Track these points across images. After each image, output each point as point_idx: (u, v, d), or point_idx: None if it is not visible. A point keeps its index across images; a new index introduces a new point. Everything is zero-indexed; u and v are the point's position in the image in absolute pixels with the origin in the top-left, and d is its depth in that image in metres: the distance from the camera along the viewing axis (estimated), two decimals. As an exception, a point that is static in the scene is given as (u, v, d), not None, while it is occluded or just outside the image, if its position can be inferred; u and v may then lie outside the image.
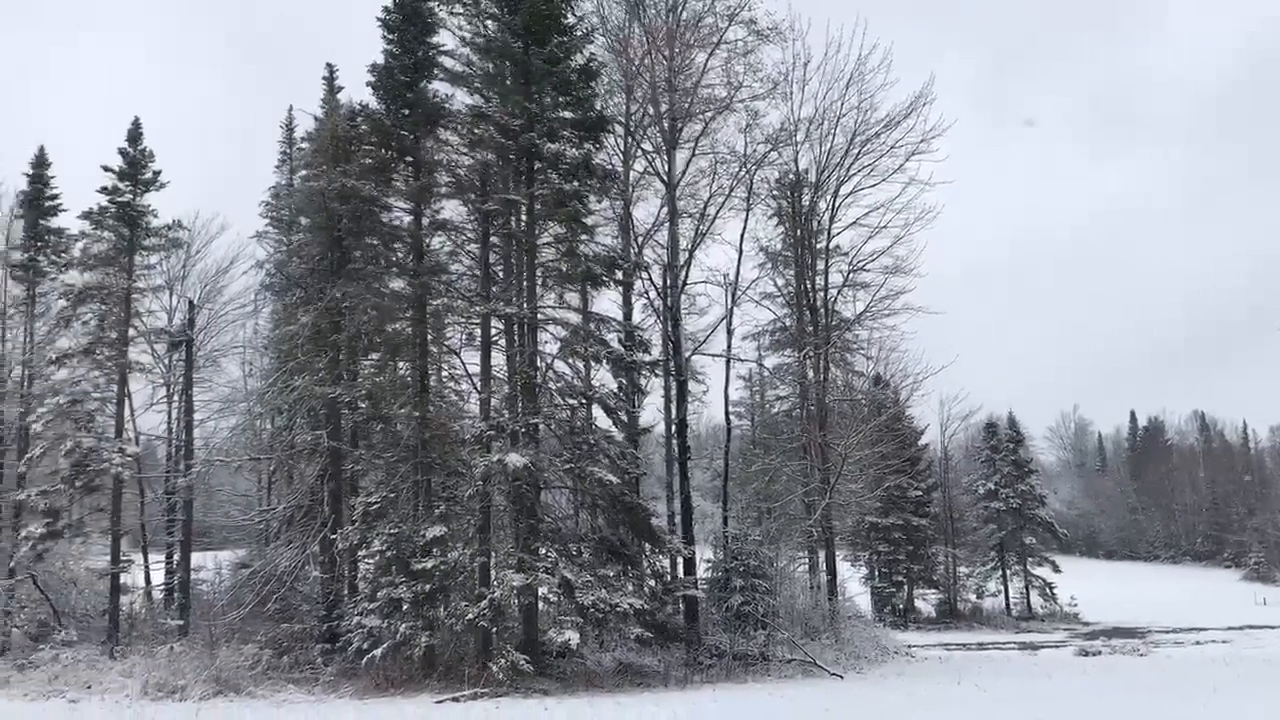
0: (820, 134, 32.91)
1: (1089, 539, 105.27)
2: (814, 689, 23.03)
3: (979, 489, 56.52)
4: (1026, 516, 54.57)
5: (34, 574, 30.20)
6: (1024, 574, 54.12)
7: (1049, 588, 53.38)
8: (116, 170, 32.26)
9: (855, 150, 32.97)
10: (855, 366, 37.45)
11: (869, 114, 32.63)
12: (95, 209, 32.11)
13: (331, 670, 24.64)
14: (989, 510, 55.15)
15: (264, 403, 33.54)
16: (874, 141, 32.87)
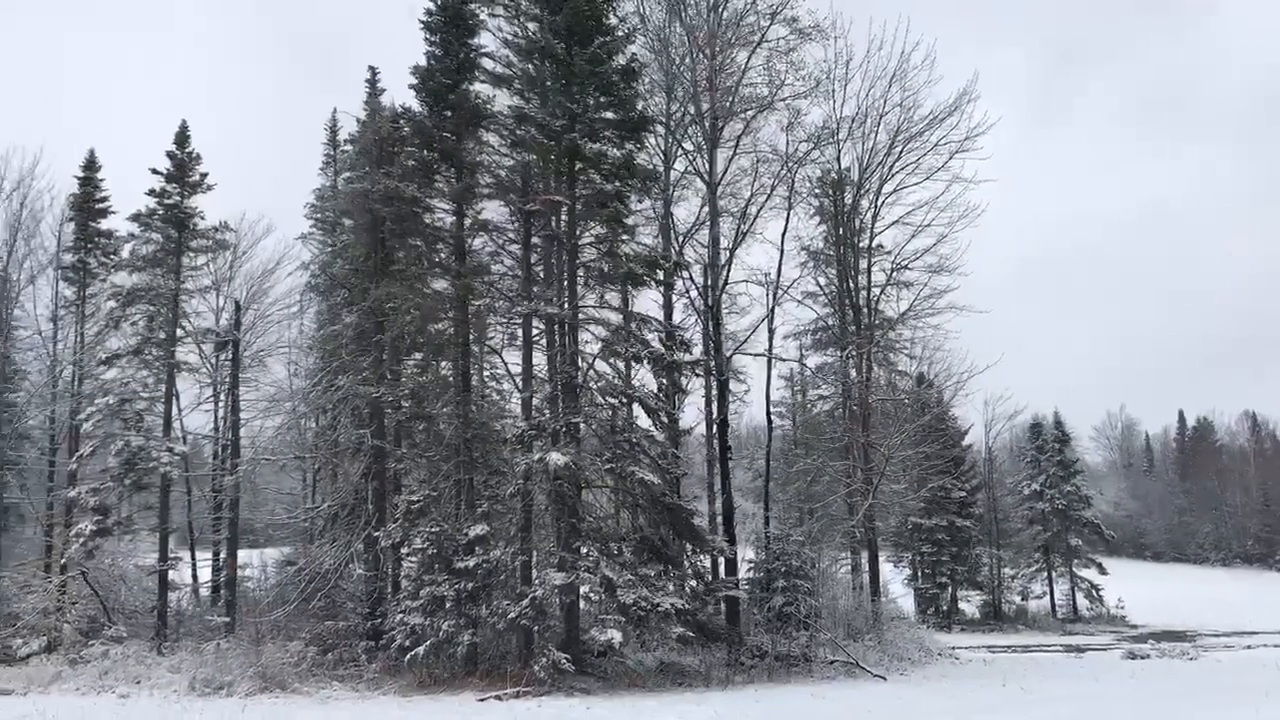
0: (863, 132, 32.81)
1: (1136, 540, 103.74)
2: (857, 690, 22.90)
3: (1024, 489, 55.90)
4: (1072, 517, 53.89)
5: (84, 571, 30.69)
6: (1069, 575, 53.44)
7: (1095, 589, 52.66)
8: (164, 173, 32.76)
9: (898, 148, 32.82)
10: (898, 366, 37.26)
11: (912, 112, 32.48)
12: (144, 211, 32.63)
13: (375, 667, 24.85)
14: (1034, 511, 54.53)
15: (309, 402, 33.87)
16: (917, 139, 32.72)
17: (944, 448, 40.23)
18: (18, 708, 22.10)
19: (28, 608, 30.40)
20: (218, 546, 34.52)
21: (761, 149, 31.30)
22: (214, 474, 35.65)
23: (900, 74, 32.08)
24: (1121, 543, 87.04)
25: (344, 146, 39.75)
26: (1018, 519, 55.41)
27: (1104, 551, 59.07)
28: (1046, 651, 35.91)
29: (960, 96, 32.23)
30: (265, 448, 37.10)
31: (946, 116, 32.23)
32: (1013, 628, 48.36)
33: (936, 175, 32.71)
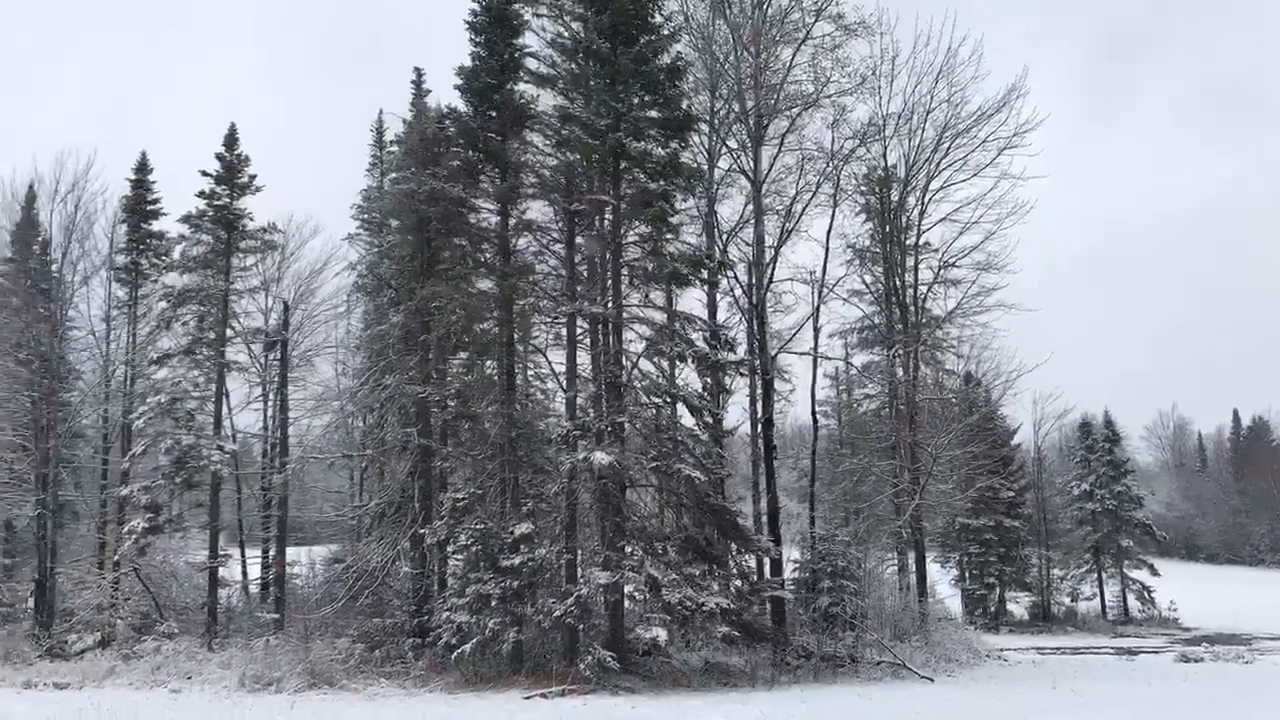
0: (909, 129, 32.53)
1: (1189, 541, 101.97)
2: (904, 691, 22.70)
3: (1073, 490, 55.11)
4: (1123, 518, 53.06)
5: (137, 567, 31.18)
6: (1120, 577, 52.63)
7: (1147, 591, 51.82)
8: (214, 175, 33.17)
9: (945, 145, 32.50)
10: (946, 365, 36.88)
11: (959, 108, 32.15)
12: (194, 213, 33.06)
13: (422, 665, 25.02)
14: (1084, 511, 53.76)
15: (356, 401, 34.20)
16: (965, 136, 32.39)
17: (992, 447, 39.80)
18: (73, 701, 22.48)
19: (82, 604, 30.96)
20: (267, 544, 34.90)
21: (807, 146, 31.18)
22: (263, 472, 36.05)
23: (947, 70, 31.80)
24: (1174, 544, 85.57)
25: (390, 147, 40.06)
26: (1067, 519, 54.67)
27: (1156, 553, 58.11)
28: (1097, 654, 35.40)
29: (1009, 92, 31.89)
30: (313, 446, 37.48)
31: (995, 112, 31.91)
32: (1062, 629, 47.70)
33: (984, 172, 32.39)
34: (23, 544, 33.75)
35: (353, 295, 38.94)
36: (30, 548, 32.91)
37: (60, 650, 29.72)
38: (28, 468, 32.15)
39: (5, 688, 25.89)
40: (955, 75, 31.79)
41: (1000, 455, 46.40)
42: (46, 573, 31.66)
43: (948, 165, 32.81)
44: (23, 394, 32.38)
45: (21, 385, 32.34)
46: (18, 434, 32.80)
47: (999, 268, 32.93)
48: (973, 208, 32.74)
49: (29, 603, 32.64)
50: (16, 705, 21.94)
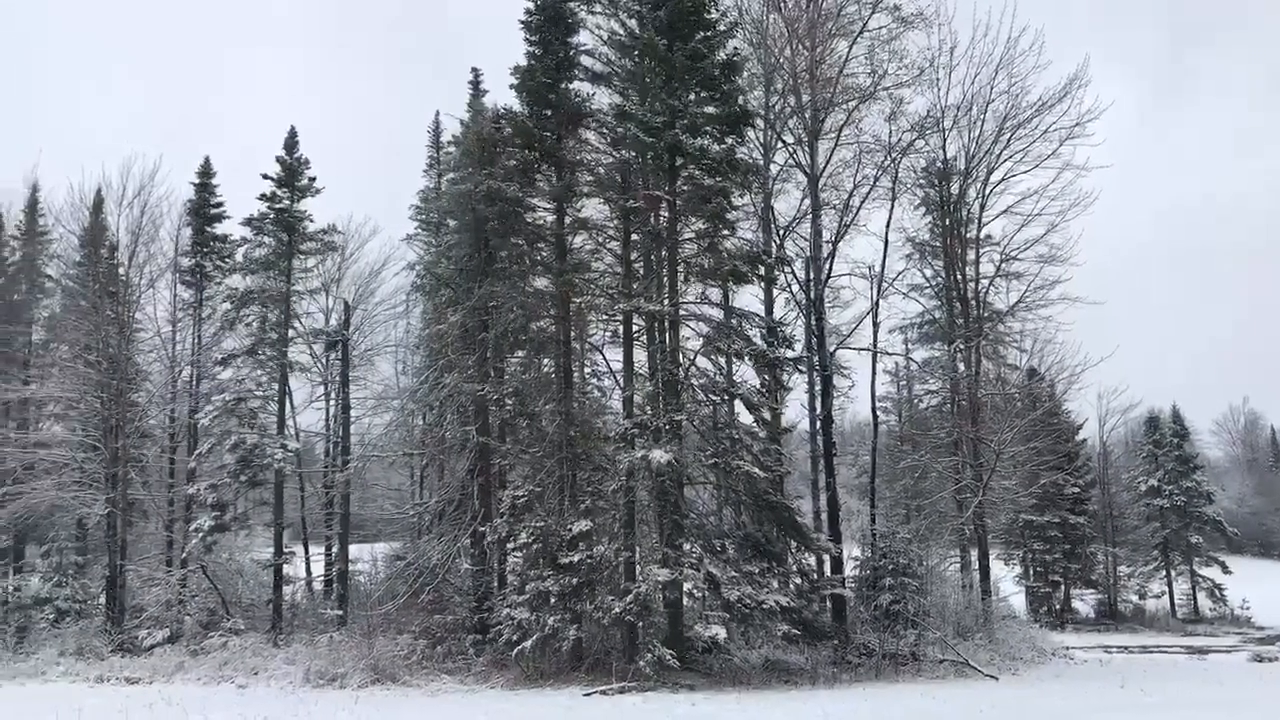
0: (968, 120, 32.00)
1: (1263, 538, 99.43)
2: (968, 690, 22.38)
3: (1140, 485, 54.12)
4: (1192, 514, 52.01)
5: (204, 564, 31.75)
6: (1190, 574, 51.60)
7: (1218, 589, 50.72)
8: (275, 178, 33.69)
9: (1005, 136, 31.94)
10: (1008, 359, 36.30)
11: (1020, 98, 31.57)
12: (255, 215, 33.62)
13: (483, 661, 25.18)
14: (1151, 508, 52.77)
15: (416, 400, 34.47)
16: (1025, 127, 31.80)
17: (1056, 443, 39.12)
18: (144, 696, 22.97)
19: (151, 600, 31.57)
20: (330, 541, 35.36)
21: (864, 140, 30.83)
22: (325, 470, 36.54)
23: (1007, 60, 31.25)
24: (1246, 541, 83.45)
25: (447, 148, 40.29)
26: (1134, 516, 53.70)
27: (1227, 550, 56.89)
28: (1166, 653, 34.69)
29: (1070, 81, 31.27)
30: (374, 444, 37.88)
31: (1056, 102, 31.30)
32: (1129, 628, 46.88)
33: (1046, 163, 31.77)
34: (94, 542, 34.51)
35: (411, 295, 39.30)
36: (101, 545, 33.66)
37: (131, 646, 30.36)
38: (98, 467, 32.89)
39: (79, 682, 26.54)
40: (1015, 65, 31.25)
41: (1064, 451, 45.67)
42: (117, 570, 32.36)
43: (1008, 157, 32.28)
44: (92, 395, 33.12)
45: (91, 386, 33.07)
46: (88, 434, 33.57)
47: (1062, 260, 32.34)
48: (1034, 199, 32.18)
49: (100, 599, 33.40)
50: (90, 699, 22.43)
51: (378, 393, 39.38)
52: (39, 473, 34.34)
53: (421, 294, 37.85)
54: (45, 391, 36.11)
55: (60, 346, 37.66)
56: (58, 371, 35.95)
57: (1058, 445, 40.48)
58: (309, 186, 34.12)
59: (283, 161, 33.91)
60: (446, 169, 39.12)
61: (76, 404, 34.26)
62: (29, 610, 32.68)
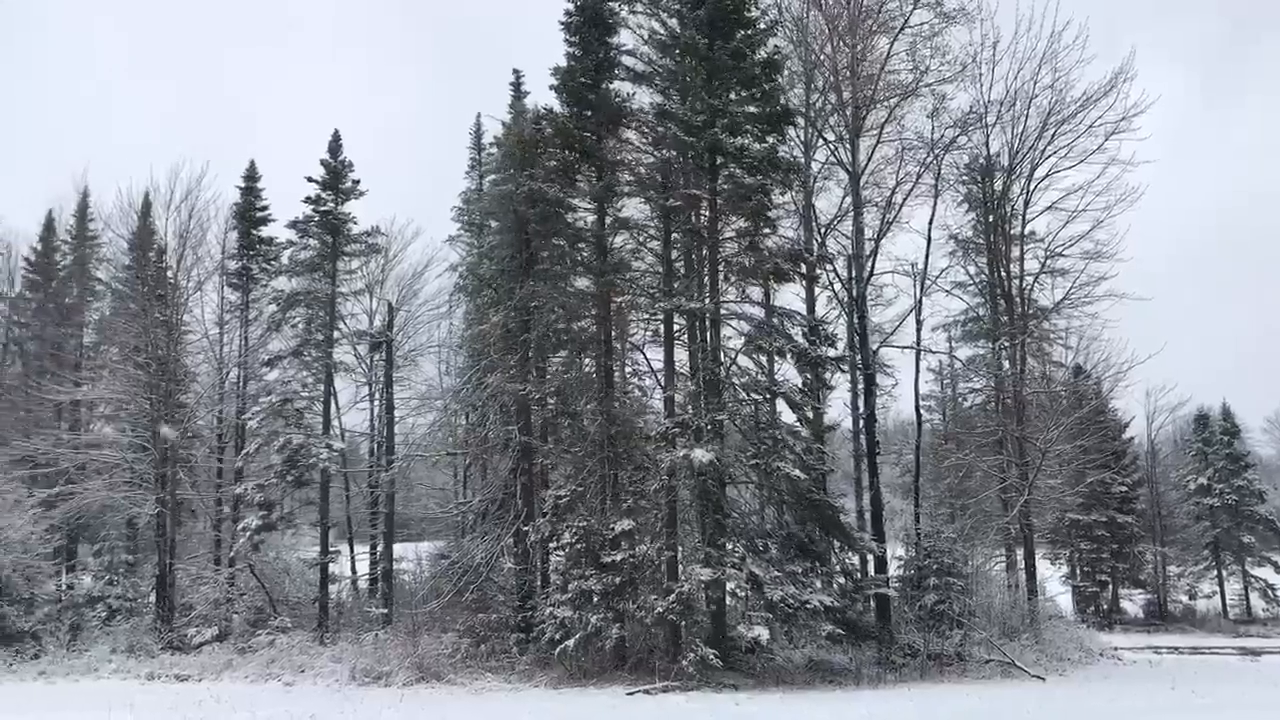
0: (1011, 116, 31.67)
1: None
2: (1015, 690, 22.18)
3: (1189, 484, 53.25)
4: (1243, 513, 51.10)
5: (251, 563, 32.13)
6: (1242, 574, 50.71)
7: (1271, 589, 49.79)
8: (319, 181, 34.07)
9: (1049, 131, 31.58)
10: (1053, 357, 35.90)
11: (1064, 93, 31.19)
12: (300, 218, 34.03)
13: (527, 659, 25.31)
14: (1201, 507, 51.92)
15: (459, 399, 34.69)
16: (1070, 122, 31.40)
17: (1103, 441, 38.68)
18: (193, 694, 23.33)
19: (200, 598, 32.01)
20: (374, 540, 35.67)
21: (906, 136, 30.64)
22: (370, 470, 36.86)
23: (1051, 54, 30.89)
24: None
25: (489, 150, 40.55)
26: (1183, 515, 52.88)
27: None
28: (1218, 654, 34.16)
29: (1116, 75, 30.87)
30: (418, 444, 38.14)
31: (1101, 97, 30.90)
32: (1179, 628, 46.19)
33: (1091, 158, 31.39)
34: (144, 541, 35.03)
35: (454, 296, 39.55)
36: (151, 544, 34.16)
37: (180, 643, 30.81)
38: (148, 467, 33.40)
39: (130, 680, 26.98)
40: (1059, 60, 30.89)
41: (1111, 449, 45.10)
42: (166, 569, 32.83)
43: (1052, 152, 31.91)
44: (142, 396, 33.63)
45: (140, 388, 33.59)
46: (138, 435, 34.10)
47: (1108, 256, 31.93)
48: (1080, 195, 31.80)
49: (150, 597, 33.89)
50: (141, 696, 22.80)
51: (421, 393, 39.71)
52: (90, 473, 34.97)
53: (464, 295, 38.10)
54: (96, 393, 36.73)
55: (110, 349, 38.32)
56: (108, 373, 36.56)
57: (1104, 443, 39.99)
58: (353, 189, 34.47)
59: (327, 164, 34.29)
60: (488, 170, 39.38)
61: (126, 405, 34.81)
62: (82, 608, 33.22)
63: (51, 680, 27.41)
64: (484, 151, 41.09)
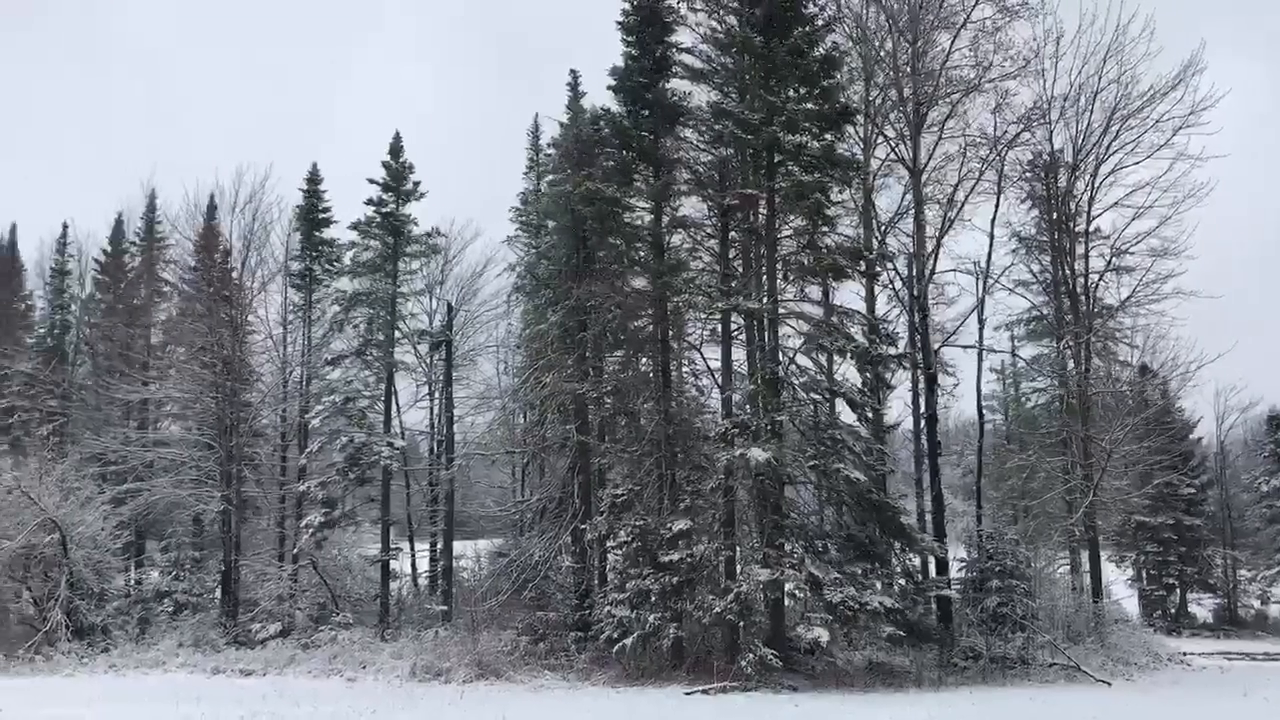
0: (1076, 111, 31.10)
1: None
2: (1079, 695, 21.78)
3: (1261, 486, 51.90)
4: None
5: (314, 560, 32.57)
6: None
7: (1348, 594, 48.49)
8: (380, 182, 34.48)
9: (1115, 127, 30.97)
10: (1119, 356, 35.22)
11: (1130, 87, 30.56)
12: (362, 220, 34.46)
13: (584, 658, 25.39)
14: (1274, 509, 50.61)
15: (517, 399, 34.95)
16: (1136, 117, 30.78)
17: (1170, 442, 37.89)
18: (258, 688, 23.70)
19: (264, 594, 32.51)
20: (434, 537, 36.00)
21: (969, 133, 30.19)
22: (430, 468, 37.22)
23: (1116, 48, 30.30)
24: (1376, 544, 79.68)
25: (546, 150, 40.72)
26: (1255, 517, 51.59)
27: (1357, 554, 54.27)
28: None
29: (1185, 68, 30.18)
30: (477, 443, 38.48)
31: (1169, 90, 30.22)
32: (1251, 634, 45.06)
33: (1158, 153, 30.74)
34: (210, 537, 35.65)
35: (512, 296, 39.80)
36: (217, 541, 34.77)
37: (245, 638, 31.30)
38: (214, 465, 34.01)
39: (197, 673, 27.47)
40: (1125, 54, 30.28)
41: (1179, 450, 44.13)
42: (232, 564, 33.41)
43: (1118, 148, 31.30)
44: (208, 395, 34.26)
45: (206, 387, 34.22)
46: (204, 433, 34.74)
47: (1176, 253, 31.23)
48: (1146, 191, 31.13)
49: (216, 593, 34.49)
50: (207, 689, 23.21)
51: (480, 392, 40.03)
52: (158, 470, 35.73)
53: (522, 294, 38.34)
54: (163, 392, 37.51)
55: (177, 349, 39.09)
56: (175, 373, 37.34)
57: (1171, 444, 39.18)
58: (414, 190, 34.85)
59: (388, 166, 34.68)
60: (545, 171, 39.55)
61: (193, 404, 35.49)
62: (150, 603, 33.90)
63: (121, 673, 27.97)
64: (541, 152, 41.27)
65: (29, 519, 30.95)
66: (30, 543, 31.07)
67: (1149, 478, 34.34)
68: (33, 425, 38.26)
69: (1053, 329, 34.26)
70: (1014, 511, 31.86)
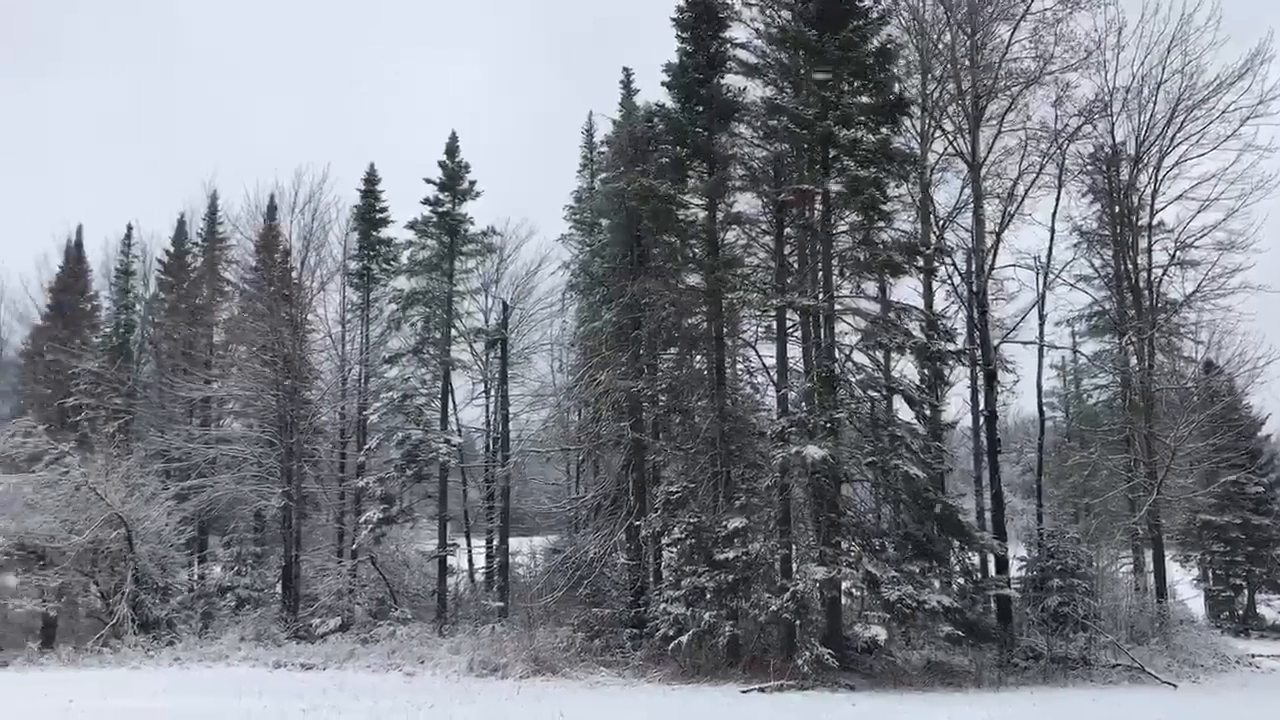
0: (1138, 103, 30.53)
1: None
2: (1143, 697, 21.38)
3: (1333, 484, 50.65)
4: (1394, 516, 48.36)
5: (372, 555, 32.94)
6: (1393, 580, 47.99)
7: None
8: (437, 182, 34.78)
9: (1179, 118, 30.35)
10: (1184, 352, 34.50)
11: (1194, 78, 29.93)
12: (419, 219, 34.77)
13: (640, 655, 25.41)
14: (1347, 509, 49.33)
15: (571, 396, 35.03)
16: (1201, 107, 30.14)
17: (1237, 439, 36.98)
18: (318, 682, 23.99)
19: (324, 589, 32.95)
20: (491, 534, 36.23)
21: (1029, 126, 29.74)
22: (486, 465, 37.47)
23: (1180, 37, 29.68)
24: None
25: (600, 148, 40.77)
26: (1326, 516, 50.27)
27: None
28: (1366, 664, 32.42)
29: (1253, 57, 29.48)
30: (532, 440, 38.64)
31: (1235, 80, 29.56)
32: (1323, 637, 43.94)
33: (1225, 145, 30.08)
34: (271, 533, 36.20)
35: (567, 294, 39.88)
36: (277, 536, 35.32)
37: (305, 633, 31.76)
38: (274, 461, 34.53)
39: (259, 667, 27.87)
40: (1189, 43, 29.65)
41: (1247, 448, 43.10)
42: (292, 560, 33.91)
43: (1183, 139, 30.66)
44: (268, 393, 34.79)
45: (267, 385, 34.76)
46: (265, 430, 35.28)
47: (1243, 247, 30.56)
48: (1212, 183, 30.47)
49: (277, 588, 35.03)
50: (269, 683, 23.55)
51: (535, 389, 40.21)
52: (220, 467, 36.35)
53: (576, 292, 38.41)
54: (225, 390, 38.15)
55: (239, 347, 39.71)
56: (237, 371, 37.94)
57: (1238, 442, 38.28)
58: (469, 190, 35.12)
59: (444, 166, 34.98)
60: (599, 169, 39.60)
61: (254, 401, 36.05)
62: (213, 598, 34.48)
63: (186, 666, 28.48)
64: (595, 150, 41.32)
65: (96, 514, 31.66)
66: (97, 538, 31.77)
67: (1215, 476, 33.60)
68: (99, 423, 39.04)
69: (1115, 324, 33.66)
70: (1075, 510, 31.39)
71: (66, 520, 31.78)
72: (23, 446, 33.09)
